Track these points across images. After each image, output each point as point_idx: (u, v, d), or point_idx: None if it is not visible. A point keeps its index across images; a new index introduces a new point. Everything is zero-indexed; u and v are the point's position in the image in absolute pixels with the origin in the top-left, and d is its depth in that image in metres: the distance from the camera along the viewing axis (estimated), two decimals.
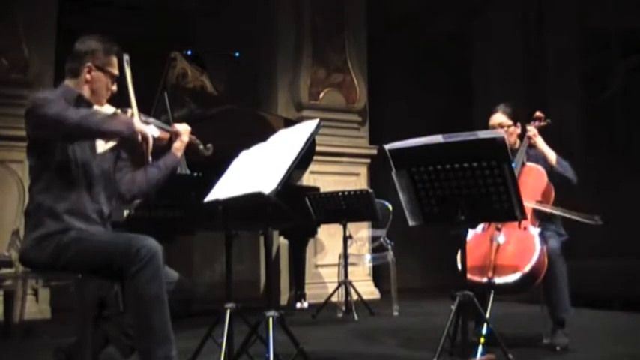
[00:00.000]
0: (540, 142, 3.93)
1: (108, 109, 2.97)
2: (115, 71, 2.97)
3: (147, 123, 2.91)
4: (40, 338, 4.74)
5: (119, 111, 2.94)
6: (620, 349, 3.84)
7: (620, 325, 4.90)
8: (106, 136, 2.88)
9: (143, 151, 2.85)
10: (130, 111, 2.93)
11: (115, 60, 2.97)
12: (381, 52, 8.40)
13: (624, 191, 7.08)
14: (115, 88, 3.00)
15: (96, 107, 2.92)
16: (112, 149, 3.01)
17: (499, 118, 4.06)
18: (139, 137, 2.77)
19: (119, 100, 3.02)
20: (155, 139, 2.88)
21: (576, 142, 7.84)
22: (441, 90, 8.94)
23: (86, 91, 2.92)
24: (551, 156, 3.89)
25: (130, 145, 2.95)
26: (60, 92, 2.87)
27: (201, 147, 3.20)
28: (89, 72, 2.90)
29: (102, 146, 2.96)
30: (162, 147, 3.08)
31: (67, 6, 6.58)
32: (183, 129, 3.16)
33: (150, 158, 2.90)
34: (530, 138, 3.93)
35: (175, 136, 3.14)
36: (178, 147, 3.15)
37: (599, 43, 8.16)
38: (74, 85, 2.93)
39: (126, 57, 3.00)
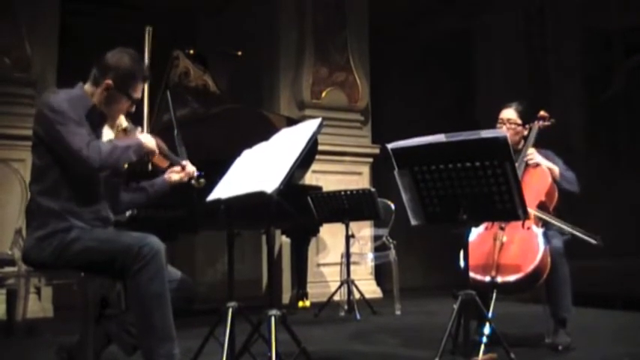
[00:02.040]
0: (541, 160, 3.89)
1: (121, 122, 2.97)
2: (137, 96, 2.93)
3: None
4: (42, 337, 4.74)
5: (130, 127, 2.94)
6: (621, 349, 3.83)
7: (622, 325, 4.89)
8: (121, 167, 2.92)
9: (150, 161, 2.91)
10: (139, 129, 2.95)
11: (140, 85, 2.92)
12: (384, 51, 8.40)
13: (626, 190, 7.09)
14: (133, 109, 2.98)
15: (106, 130, 2.93)
16: None
17: (510, 113, 4.01)
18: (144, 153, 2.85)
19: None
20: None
21: (578, 142, 7.84)
22: (444, 89, 8.94)
23: (101, 104, 2.88)
24: (555, 170, 3.87)
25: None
26: (76, 97, 2.83)
27: (193, 181, 3.17)
28: (107, 89, 2.85)
29: None
30: (157, 167, 3.10)
31: (70, 5, 6.59)
32: (190, 169, 3.15)
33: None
34: (529, 157, 3.90)
35: (180, 168, 3.15)
36: (174, 180, 3.15)
37: (602, 43, 8.16)
38: (91, 93, 2.88)
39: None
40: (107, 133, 2.95)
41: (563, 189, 3.86)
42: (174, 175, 3.15)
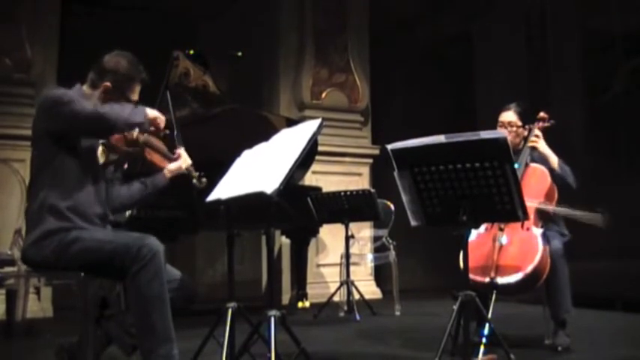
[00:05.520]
0: (543, 146, 3.90)
1: None
2: (134, 98, 2.93)
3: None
4: (42, 337, 4.75)
5: None
6: (621, 351, 3.84)
7: (622, 326, 4.89)
8: (132, 129, 2.88)
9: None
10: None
11: (137, 87, 2.93)
12: (384, 52, 8.40)
13: (626, 192, 7.07)
14: None
15: None
16: (112, 162, 3.01)
17: (510, 116, 4.01)
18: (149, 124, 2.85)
19: None
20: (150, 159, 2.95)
21: (578, 144, 7.83)
22: (444, 91, 8.95)
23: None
24: (553, 159, 3.87)
25: (131, 157, 2.99)
26: (76, 94, 2.84)
27: (195, 180, 3.18)
28: (105, 91, 2.87)
29: (101, 157, 2.95)
30: (155, 167, 3.10)
31: (70, 7, 6.60)
32: (185, 157, 3.17)
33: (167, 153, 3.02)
34: (533, 140, 3.91)
35: (175, 159, 3.16)
36: (172, 170, 3.14)
37: (602, 45, 8.15)
38: (89, 95, 2.89)
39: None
40: None
41: (561, 184, 3.84)
42: (171, 165, 3.14)
